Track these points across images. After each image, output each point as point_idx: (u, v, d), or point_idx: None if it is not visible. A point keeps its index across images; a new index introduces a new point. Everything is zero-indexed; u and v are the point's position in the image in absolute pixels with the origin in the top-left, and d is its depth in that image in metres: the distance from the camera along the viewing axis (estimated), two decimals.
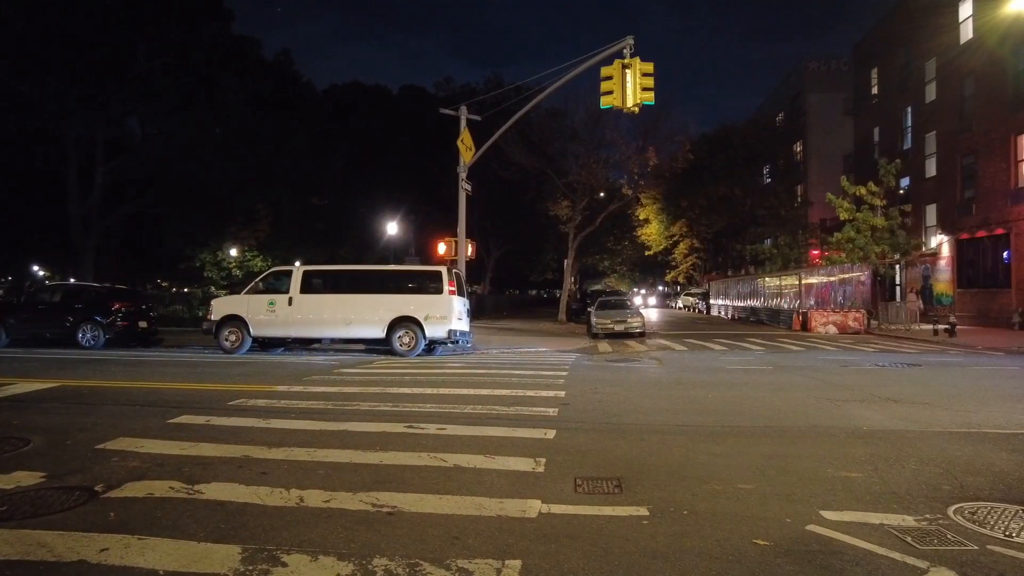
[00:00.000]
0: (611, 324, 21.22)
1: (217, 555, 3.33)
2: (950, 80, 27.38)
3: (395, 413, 7.28)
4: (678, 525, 3.80)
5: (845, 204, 25.84)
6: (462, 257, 18.46)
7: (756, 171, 47.25)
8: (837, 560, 3.27)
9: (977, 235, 25.36)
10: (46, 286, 22.35)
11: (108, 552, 3.35)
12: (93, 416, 6.98)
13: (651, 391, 9.36)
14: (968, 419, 6.98)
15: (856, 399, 8.34)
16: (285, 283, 15.25)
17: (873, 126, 34.62)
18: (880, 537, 3.56)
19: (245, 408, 7.55)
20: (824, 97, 44.41)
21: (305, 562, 3.26)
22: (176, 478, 4.65)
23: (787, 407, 7.87)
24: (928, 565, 3.20)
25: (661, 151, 31.78)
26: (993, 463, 5.13)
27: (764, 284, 32.81)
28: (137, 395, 8.48)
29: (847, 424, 6.76)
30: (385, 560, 3.27)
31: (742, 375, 11.17)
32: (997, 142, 24.19)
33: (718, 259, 53.31)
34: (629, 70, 13.52)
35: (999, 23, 22.69)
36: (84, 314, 16.18)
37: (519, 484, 4.57)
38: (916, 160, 29.96)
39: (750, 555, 3.36)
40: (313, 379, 10.23)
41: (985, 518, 3.86)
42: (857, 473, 4.87)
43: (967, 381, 10.42)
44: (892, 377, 10.88)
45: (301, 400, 8.13)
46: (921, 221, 29.50)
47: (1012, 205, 23.27)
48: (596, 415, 7.31)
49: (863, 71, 36.11)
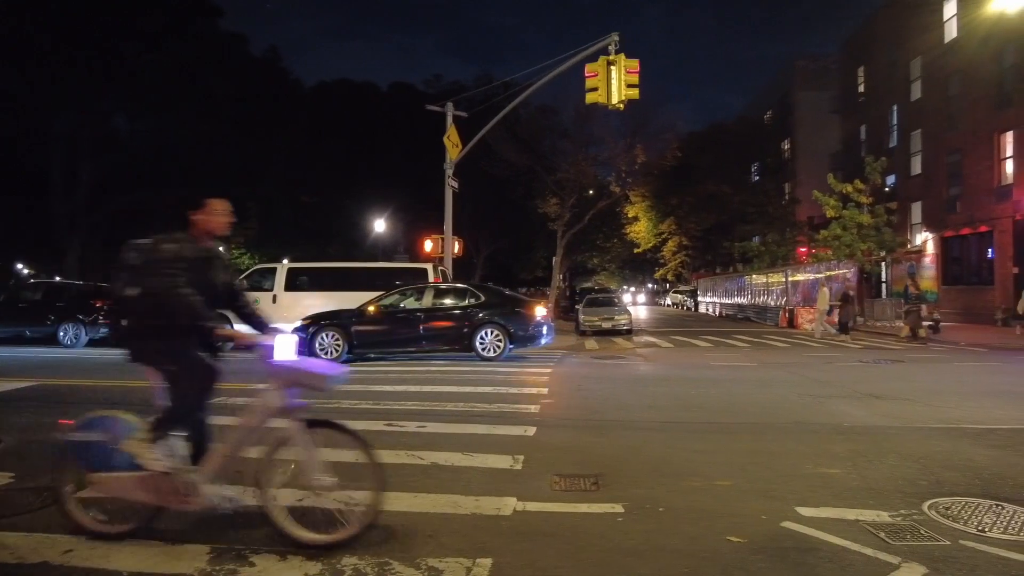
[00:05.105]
0: (599, 321, 21.24)
1: (184, 555, 3.27)
2: (935, 79, 27.57)
3: (376, 411, 7.23)
4: (653, 522, 3.78)
5: (832, 201, 25.95)
6: (448, 254, 18.42)
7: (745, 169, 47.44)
8: (810, 557, 3.26)
9: (962, 232, 25.58)
10: (27, 284, 22.10)
11: (72, 554, 3.28)
12: (68, 415, 6.87)
13: (635, 388, 9.36)
14: (948, 415, 7.02)
15: (839, 395, 8.37)
16: (270, 280, 15.17)
17: (860, 124, 34.82)
18: (855, 533, 3.56)
19: (224, 407, 7.44)
20: (812, 95, 44.59)
21: (273, 561, 3.21)
22: None
23: (770, 403, 7.89)
24: (900, 561, 3.19)
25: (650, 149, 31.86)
26: (970, 459, 5.15)
27: (751, 281, 32.99)
28: (115, 394, 8.38)
29: (829, 420, 6.77)
30: (355, 559, 3.23)
31: (727, 372, 11.19)
32: (981, 140, 24.39)
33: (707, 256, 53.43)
34: (614, 67, 13.50)
35: (982, 22, 22.85)
36: (66, 312, 15.98)
37: (496, 482, 4.54)
38: (902, 158, 30.16)
39: (724, 552, 3.34)
40: None
41: (959, 513, 3.86)
42: (836, 469, 4.87)
43: (949, 377, 10.50)
44: (875, 373, 10.95)
45: None
46: (907, 218, 29.70)
47: (996, 203, 23.48)
48: (579, 412, 7.29)
49: (850, 70, 36.31)
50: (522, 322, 12.86)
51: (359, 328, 12.63)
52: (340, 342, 12.48)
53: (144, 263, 3.50)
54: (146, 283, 3.44)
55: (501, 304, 13.11)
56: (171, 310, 3.40)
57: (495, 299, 13.35)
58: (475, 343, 12.58)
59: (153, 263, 3.45)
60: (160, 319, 3.41)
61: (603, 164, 32.73)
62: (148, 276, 3.44)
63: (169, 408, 3.52)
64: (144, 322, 3.46)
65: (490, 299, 13.25)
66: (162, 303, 3.39)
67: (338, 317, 12.75)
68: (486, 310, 12.80)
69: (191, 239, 3.62)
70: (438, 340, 12.74)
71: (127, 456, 3.39)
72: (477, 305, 12.96)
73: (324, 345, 12.46)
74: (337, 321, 12.65)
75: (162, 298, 3.38)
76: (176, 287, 3.36)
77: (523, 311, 13.06)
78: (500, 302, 13.23)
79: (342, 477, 3.44)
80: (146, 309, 3.44)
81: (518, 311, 13.04)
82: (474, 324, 12.68)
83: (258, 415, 3.47)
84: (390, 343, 12.84)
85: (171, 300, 3.38)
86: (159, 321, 3.41)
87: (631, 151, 30.50)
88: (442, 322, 12.86)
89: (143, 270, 3.48)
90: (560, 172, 30.19)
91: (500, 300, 13.38)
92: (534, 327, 12.93)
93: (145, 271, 3.47)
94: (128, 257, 3.58)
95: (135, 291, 3.47)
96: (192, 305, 3.40)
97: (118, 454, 3.40)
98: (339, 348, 12.46)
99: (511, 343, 12.70)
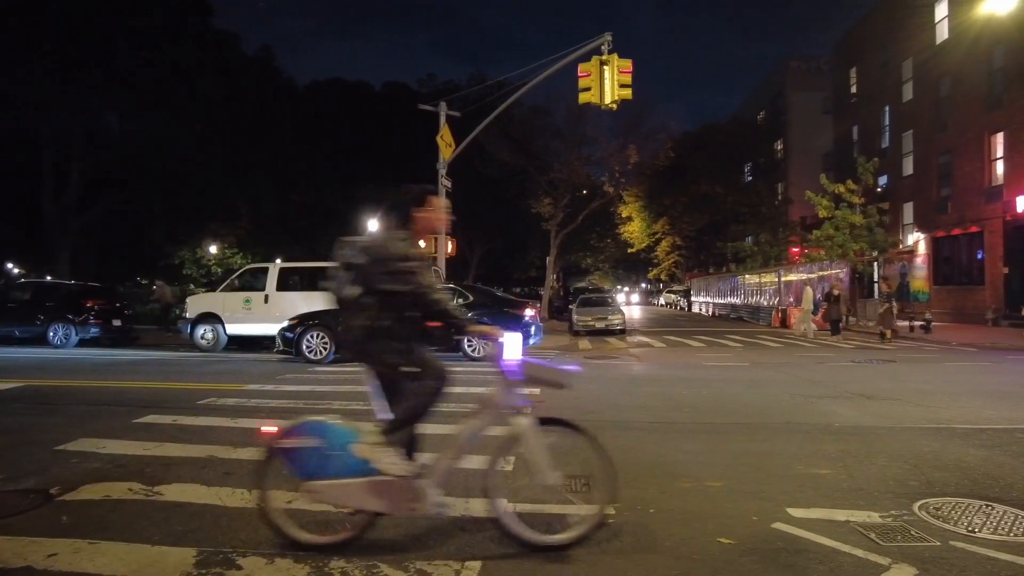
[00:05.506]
0: (592, 321, 21.26)
1: (170, 559, 3.24)
2: (926, 80, 27.71)
3: (366, 411, 7.16)
4: (644, 523, 3.77)
5: (824, 202, 26.07)
6: (441, 254, 18.37)
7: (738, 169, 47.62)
8: (801, 558, 3.25)
9: (953, 233, 25.72)
10: (17, 284, 21.92)
11: (56, 557, 3.24)
12: (56, 416, 6.82)
13: (627, 388, 9.35)
14: (938, 415, 7.04)
15: (830, 395, 8.39)
16: (261, 280, 15.09)
17: (852, 125, 34.97)
18: (845, 534, 3.55)
19: (214, 407, 7.43)
20: (805, 96, 44.81)
21: (260, 565, 3.18)
22: (136, 479, 4.53)
23: (762, 404, 7.89)
24: (890, 562, 3.19)
25: (643, 149, 31.93)
26: (961, 459, 5.16)
27: (744, 281, 33.07)
28: (105, 394, 8.32)
29: (820, 420, 6.78)
30: (343, 562, 3.20)
31: (719, 372, 11.20)
32: (972, 141, 24.53)
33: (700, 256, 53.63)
34: (607, 67, 13.50)
35: (973, 24, 22.98)
36: (55, 312, 15.89)
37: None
38: (894, 159, 30.30)
39: (714, 554, 3.34)
40: (286, 377, 10.11)
41: (949, 514, 3.87)
42: (826, 470, 4.87)
43: (939, 377, 10.53)
44: (866, 373, 10.98)
45: (272, 399, 8.01)
46: (899, 219, 29.86)
47: (986, 203, 23.62)
48: (570, 413, 7.23)
49: (843, 71, 36.46)
50: (511, 322, 12.84)
51: None
52: (327, 342, 12.42)
53: (372, 261, 3.33)
54: (381, 282, 3.29)
55: (489, 304, 13.13)
56: (425, 308, 3.34)
57: (483, 299, 13.37)
58: (463, 343, 12.54)
59: (384, 261, 3.30)
60: (389, 319, 3.31)
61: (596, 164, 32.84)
62: (382, 275, 3.29)
63: (405, 409, 3.40)
64: (379, 323, 3.31)
65: (478, 299, 13.26)
66: (412, 302, 3.31)
67: (325, 317, 12.69)
68: (473, 310, 12.77)
69: (414, 236, 3.48)
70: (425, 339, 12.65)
71: (349, 462, 3.26)
72: (465, 305, 12.93)
73: (311, 345, 12.40)
74: (324, 321, 12.57)
75: (414, 297, 3.29)
76: (427, 285, 3.29)
77: (512, 311, 13.06)
78: (488, 302, 13.25)
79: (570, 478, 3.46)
80: (382, 308, 3.31)
81: (506, 311, 13.03)
82: None
83: (488, 415, 3.44)
84: None
85: (422, 298, 3.30)
86: (390, 322, 3.31)
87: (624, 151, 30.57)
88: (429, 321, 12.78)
89: (373, 268, 3.32)
90: (553, 172, 30.22)
91: (488, 300, 13.40)
92: (522, 327, 12.91)
93: (378, 269, 3.31)
94: (347, 255, 3.41)
95: (356, 291, 3.33)
96: (443, 303, 3.36)
97: (335, 460, 3.27)
98: (326, 348, 12.40)
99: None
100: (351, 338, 3.39)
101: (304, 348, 12.35)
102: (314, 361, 12.26)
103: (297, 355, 12.48)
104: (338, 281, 3.40)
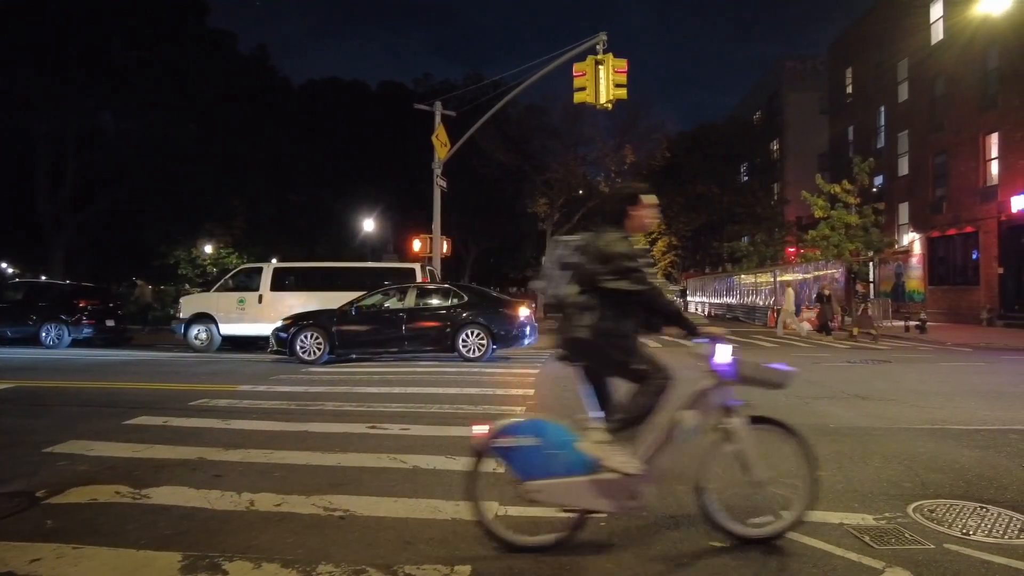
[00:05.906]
0: None
1: (156, 564, 3.19)
2: (922, 80, 27.77)
3: (360, 413, 7.14)
4: (637, 526, 3.73)
5: (820, 202, 26.10)
6: (437, 254, 18.36)
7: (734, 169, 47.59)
8: (794, 562, 3.22)
9: (948, 233, 25.78)
10: (9, 284, 21.81)
11: (40, 563, 3.19)
12: (46, 418, 6.76)
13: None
14: (933, 415, 7.03)
15: (825, 396, 8.36)
16: (256, 280, 15.03)
17: (848, 125, 35.05)
18: (839, 537, 3.53)
19: (206, 408, 7.37)
20: (801, 96, 44.84)
21: (247, 569, 3.13)
22: (124, 482, 4.48)
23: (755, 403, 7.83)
24: (884, 565, 3.16)
25: (639, 148, 31.96)
26: (955, 460, 5.14)
27: (740, 281, 33.10)
28: (96, 396, 8.25)
29: (815, 421, 6.75)
30: (331, 566, 3.15)
31: None
32: (967, 142, 24.59)
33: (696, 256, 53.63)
34: (602, 66, 13.48)
35: (968, 25, 23.03)
36: (48, 312, 15.78)
37: None
38: (889, 159, 30.37)
39: (707, 557, 3.31)
40: (280, 378, 10.05)
41: (944, 516, 3.84)
42: (821, 471, 4.81)
43: (934, 377, 10.53)
44: (862, 374, 10.97)
45: (265, 400, 7.96)
46: (894, 219, 29.92)
47: (981, 204, 23.68)
48: (564, 413, 7.23)
49: (838, 71, 36.53)
50: (505, 322, 12.81)
51: (341, 328, 12.51)
52: (321, 343, 12.37)
53: (593, 260, 3.30)
54: (606, 281, 3.25)
55: (484, 304, 13.06)
56: (657, 309, 3.31)
57: (478, 299, 13.30)
58: (458, 343, 12.50)
59: (610, 259, 3.26)
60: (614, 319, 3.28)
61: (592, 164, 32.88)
62: (607, 274, 3.25)
63: (633, 408, 3.37)
64: (604, 323, 3.28)
65: (473, 299, 13.19)
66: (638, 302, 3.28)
67: (319, 317, 12.63)
68: (469, 310, 12.73)
69: (630, 234, 3.43)
70: (420, 340, 12.65)
71: (572, 460, 3.22)
72: (460, 305, 12.89)
73: (305, 346, 12.35)
74: (318, 321, 12.53)
75: (646, 296, 3.26)
76: (655, 285, 3.26)
77: (506, 311, 13.01)
78: (483, 302, 13.18)
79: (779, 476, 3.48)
80: (606, 307, 3.28)
81: (501, 311, 12.99)
82: (456, 324, 12.59)
83: (701, 413, 3.40)
84: (372, 343, 12.73)
85: (655, 299, 3.28)
86: (615, 321, 3.29)
87: (620, 151, 30.59)
88: (424, 322, 12.77)
89: (595, 267, 3.28)
90: (549, 172, 30.21)
91: (483, 300, 13.33)
92: (517, 327, 12.88)
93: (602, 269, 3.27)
94: (562, 254, 3.40)
95: (574, 290, 3.33)
96: (675, 304, 3.33)
97: (556, 459, 3.22)
98: (320, 349, 12.35)
99: (494, 343, 12.63)
100: (573, 337, 3.35)
101: (298, 348, 12.30)
102: (308, 361, 12.21)
103: (291, 355, 12.42)
104: (552, 280, 3.41)
